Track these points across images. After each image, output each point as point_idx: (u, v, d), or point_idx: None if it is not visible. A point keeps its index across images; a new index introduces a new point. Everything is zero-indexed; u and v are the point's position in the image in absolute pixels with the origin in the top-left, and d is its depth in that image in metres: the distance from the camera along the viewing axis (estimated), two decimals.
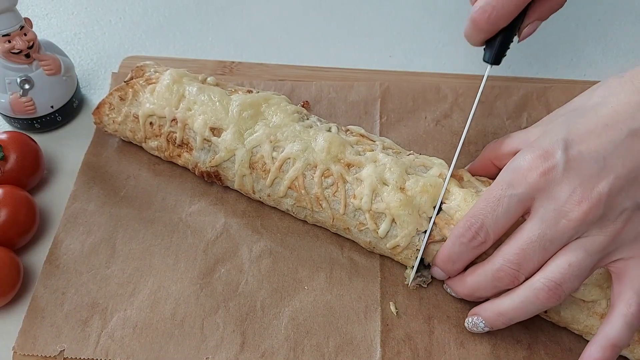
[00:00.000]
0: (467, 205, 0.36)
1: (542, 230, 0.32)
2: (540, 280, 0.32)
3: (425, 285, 0.40)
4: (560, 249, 0.32)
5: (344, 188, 0.38)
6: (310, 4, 0.61)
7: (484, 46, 0.38)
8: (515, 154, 0.35)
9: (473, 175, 0.40)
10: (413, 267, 0.39)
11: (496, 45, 0.37)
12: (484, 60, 0.38)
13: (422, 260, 0.39)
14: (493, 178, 0.36)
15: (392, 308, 0.38)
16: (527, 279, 0.33)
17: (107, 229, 0.42)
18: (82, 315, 0.37)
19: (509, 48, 0.38)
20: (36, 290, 0.39)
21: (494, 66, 0.39)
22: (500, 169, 0.36)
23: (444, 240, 0.37)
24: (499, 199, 0.33)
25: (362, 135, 0.42)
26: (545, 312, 0.37)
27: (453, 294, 0.38)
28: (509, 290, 0.34)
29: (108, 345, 0.36)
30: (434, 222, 0.37)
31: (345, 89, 0.50)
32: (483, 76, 0.38)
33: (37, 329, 0.37)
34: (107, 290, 0.39)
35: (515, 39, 0.38)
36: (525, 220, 0.33)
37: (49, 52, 0.46)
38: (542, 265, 0.32)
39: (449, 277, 0.38)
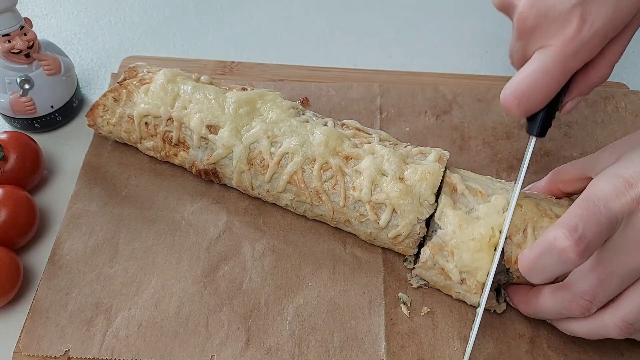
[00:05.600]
0: (462, 232, 0.36)
1: (623, 261, 0.31)
2: (612, 319, 0.32)
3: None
4: (635, 282, 0.31)
5: (343, 180, 0.39)
6: (310, 4, 0.61)
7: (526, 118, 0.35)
8: (581, 179, 0.36)
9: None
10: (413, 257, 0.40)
11: (538, 121, 0.34)
12: (527, 132, 0.35)
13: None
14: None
15: (405, 310, 0.39)
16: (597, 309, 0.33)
17: (109, 229, 0.42)
18: (87, 315, 0.37)
19: (554, 118, 0.35)
20: (39, 291, 0.38)
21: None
22: (565, 193, 0.37)
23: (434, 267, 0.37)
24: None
25: (358, 129, 0.42)
26: None
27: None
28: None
29: (113, 345, 0.36)
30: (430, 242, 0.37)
31: (344, 88, 0.51)
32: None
33: (41, 330, 0.36)
34: (111, 290, 0.38)
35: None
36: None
37: (49, 52, 0.46)
38: (615, 297, 0.32)
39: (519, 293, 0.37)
